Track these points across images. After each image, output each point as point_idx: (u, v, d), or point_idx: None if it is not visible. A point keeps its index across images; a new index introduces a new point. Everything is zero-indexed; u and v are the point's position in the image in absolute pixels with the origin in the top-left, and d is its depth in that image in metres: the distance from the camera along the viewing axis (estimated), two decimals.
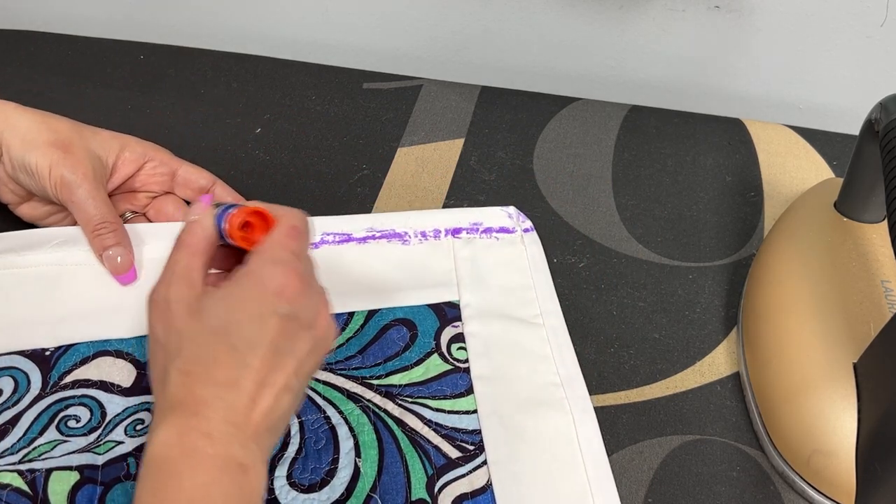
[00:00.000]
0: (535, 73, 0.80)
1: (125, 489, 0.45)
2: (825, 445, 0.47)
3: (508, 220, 0.60)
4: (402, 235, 0.59)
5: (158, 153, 0.59)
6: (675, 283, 0.60)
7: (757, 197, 0.66)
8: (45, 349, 0.51)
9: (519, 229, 0.60)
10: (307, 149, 0.69)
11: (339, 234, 0.59)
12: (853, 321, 0.50)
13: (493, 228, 0.60)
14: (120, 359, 0.51)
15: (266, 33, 0.83)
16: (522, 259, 0.58)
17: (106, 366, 0.51)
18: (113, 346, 0.52)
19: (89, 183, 0.53)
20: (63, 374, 0.50)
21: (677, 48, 0.75)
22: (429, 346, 0.53)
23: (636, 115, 0.72)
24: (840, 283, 0.52)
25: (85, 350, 0.51)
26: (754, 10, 0.71)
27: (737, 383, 0.54)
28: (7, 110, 0.54)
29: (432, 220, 0.60)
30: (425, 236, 0.59)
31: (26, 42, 0.79)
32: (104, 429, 0.48)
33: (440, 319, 0.54)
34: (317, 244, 0.58)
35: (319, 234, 0.58)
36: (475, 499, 0.46)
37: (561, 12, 0.75)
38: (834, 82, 0.75)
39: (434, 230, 0.59)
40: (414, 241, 0.59)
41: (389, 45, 0.81)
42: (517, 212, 0.61)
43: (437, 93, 0.74)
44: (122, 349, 0.52)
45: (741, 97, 0.78)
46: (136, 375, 0.50)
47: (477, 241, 0.59)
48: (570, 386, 0.51)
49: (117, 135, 0.58)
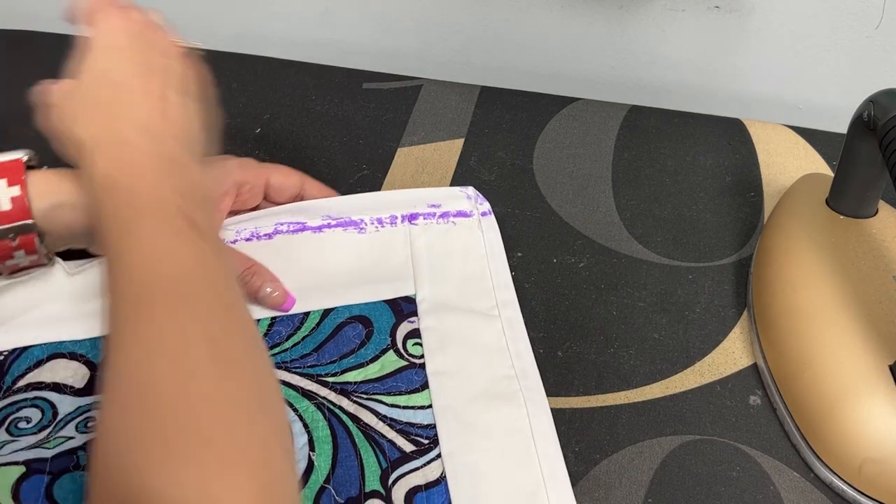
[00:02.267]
0: (535, 73, 0.80)
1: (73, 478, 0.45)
2: (876, 453, 0.46)
3: (466, 201, 0.60)
4: (359, 224, 0.58)
5: (249, 171, 0.56)
6: (675, 284, 0.60)
7: (757, 197, 0.66)
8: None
9: (476, 213, 0.59)
10: (307, 149, 0.69)
11: (293, 224, 0.58)
12: (879, 322, 0.49)
13: (451, 213, 0.59)
14: (74, 360, 0.51)
15: (266, 33, 0.83)
16: (479, 247, 0.58)
17: (59, 368, 0.51)
18: (66, 349, 0.51)
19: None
20: (17, 378, 0.50)
21: (677, 48, 0.75)
22: (384, 343, 0.53)
23: (636, 115, 0.72)
24: (855, 283, 0.52)
25: (39, 353, 0.51)
26: (754, 10, 0.71)
27: (737, 383, 0.54)
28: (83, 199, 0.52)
29: (389, 202, 0.59)
30: (381, 223, 0.58)
31: (26, 42, 0.79)
32: (55, 427, 0.48)
33: (396, 315, 0.54)
34: (271, 234, 0.57)
35: (273, 223, 0.57)
36: (429, 490, 0.46)
37: (561, 12, 0.75)
38: (834, 82, 0.75)
39: (391, 217, 0.58)
40: (370, 228, 0.58)
41: (389, 45, 0.81)
42: (476, 193, 0.60)
43: (436, 93, 0.74)
44: (75, 351, 0.51)
45: (741, 97, 0.78)
46: (89, 376, 0.50)
47: (434, 226, 0.58)
48: (524, 378, 0.51)
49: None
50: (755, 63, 0.75)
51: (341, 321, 0.54)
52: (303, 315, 0.54)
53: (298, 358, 0.52)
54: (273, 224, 0.57)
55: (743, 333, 0.57)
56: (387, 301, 0.55)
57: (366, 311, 0.54)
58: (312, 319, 0.54)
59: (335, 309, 0.54)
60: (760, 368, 0.54)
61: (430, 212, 0.59)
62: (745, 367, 0.55)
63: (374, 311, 0.54)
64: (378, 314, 0.54)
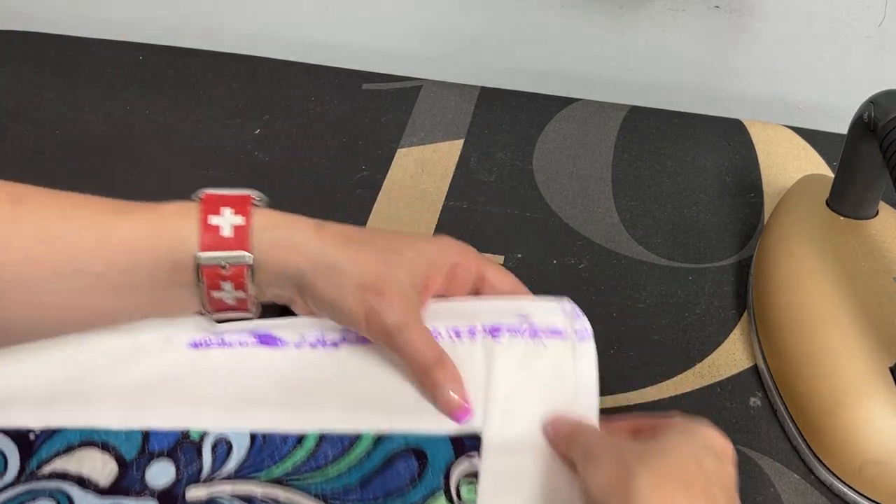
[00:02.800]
0: (534, 74, 0.80)
1: None
2: (876, 454, 0.46)
3: (562, 316, 0.49)
4: (434, 333, 0.49)
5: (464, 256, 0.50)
6: (675, 285, 0.59)
7: (757, 198, 0.66)
8: (30, 430, 0.47)
9: (571, 332, 0.49)
10: (306, 150, 0.69)
11: None
12: (879, 323, 0.49)
13: (541, 329, 0.49)
14: (106, 452, 0.47)
15: (265, 33, 0.83)
16: (569, 379, 0.48)
17: (87, 458, 0.47)
18: (100, 437, 0.48)
19: (411, 325, 0.46)
20: (43, 462, 0.47)
21: (677, 48, 0.75)
22: (436, 483, 0.46)
23: (636, 115, 0.72)
24: (856, 284, 0.52)
25: (72, 437, 0.48)
26: (754, 9, 0.71)
27: (737, 384, 0.54)
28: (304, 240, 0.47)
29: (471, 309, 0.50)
30: (458, 335, 0.49)
31: (26, 42, 0.79)
32: None
33: (456, 450, 0.46)
34: (337, 342, 0.50)
35: (340, 330, 0.51)
36: None
37: (561, 12, 0.75)
38: (834, 82, 0.75)
39: (469, 328, 0.49)
40: (445, 340, 0.49)
41: (389, 45, 0.81)
42: (573, 307, 0.50)
43: (436, 93, 0.74)
44: (108, 441, 0.48)
45: (741, 97, 0.78)
46: (117, 474, 0.47)
47: (519, 344, 0.48)
48: None
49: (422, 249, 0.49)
50: (755, 63, 0.75)
51: (395, 451, 0.47)
52: (354, 437, 0.47)
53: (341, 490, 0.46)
54: (341, 331, 0.51)
55: (743, 335, 0.57)
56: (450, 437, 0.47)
57: (423, 443, 0.47)
58: (364, 444, 0.47)
59: (390, 436, 0.47)
60: (761, 370, 0.54)
61: (517, 325, 0.49)
62: (746, 368, 0.55)
63: (433, 445, 0.47)
64: (436, 449, 0.47)
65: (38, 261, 0.42)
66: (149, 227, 0.44)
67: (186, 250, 0.44)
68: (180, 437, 0.48)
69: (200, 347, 0.50)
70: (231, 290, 0.46)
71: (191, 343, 0.50)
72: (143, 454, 0.47)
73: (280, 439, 0.48)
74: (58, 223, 0.43)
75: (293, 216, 0.47)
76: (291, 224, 0.47)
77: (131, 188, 0.66)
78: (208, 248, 0.44)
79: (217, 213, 0.45)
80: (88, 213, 0.44)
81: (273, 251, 0.46)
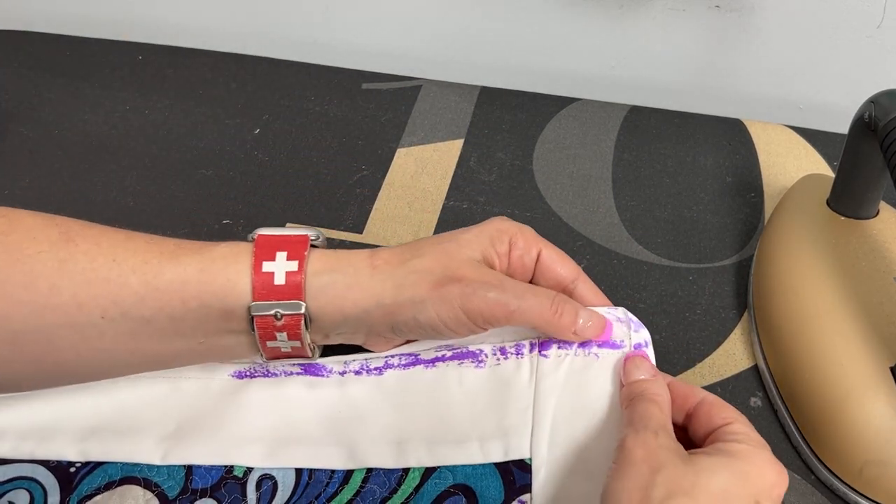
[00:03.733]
0: (534, 73, 0.80)
1: None
2: (877, 455, 0.46)
3: (618, 326, 0.47)
4: (477, 355, 0.47)
5: (521, 234, 0.47)
6: (676, 285, 0.59)
7: (757, 198, 0.66)
8: (71, 463, 0.47)
9: (629, 344, 0.46)
10: (306, 150, 0.69)
11: (405, 356, 0.49)
12: (880, 323, 0.49)
13: (594, 341, 0.46)
14: (148, 490, 0.46)
15: (265, 33, 0.83)
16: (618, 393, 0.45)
17: (130, 496, 0.46)
18: (142, 473, 0.46)
19: (506, 287, 0.44)
20: (83, 498, 0.45)
21: (677, 48, 0.75)
22: None
23: (636, 115, 0.72)
24: (856, 284, 0.52)
25: (113, 472, 0.46)
26: (754, 9, 0.71)
27: (737, 385, 0.54)
28: (361, 279, 0.44)
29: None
30: (504, 354, 0.47)
31: (25, 42, 0.79)
32: None
33: (506, 487, 0.44)
34: (381, 368, 0.49)
35: (384, 356, 0.49)
36: None
37: (561, 12, 0.75)
38: (834, 82, 0.75)
39: (516, 345, 0.47)
40: (490, 360, 0.47)
41: (389, 45, 0.81)
42: (628, 317, 0.47)
43: (436, 93, 0.74)
44: (150, 478, 0.46)
45: (741, 97, 0.78)
46: None
47: (570, 358, 0.46)
48: None
49: (478, 231, 0.47)
50: (756, 63, 0.75)
51: (443, 490, 0.45)
52: (401, 472, 0.46)
53: None
54: (384, 357, 0.49)
55: (744, 335, 0.56)
56: (497, 465, 0.45)
57: (472, 479, 0.45)
58: (411, 481, 0.46)
59: (438, 470, 0.46)
60: (761, 370, 0.54)
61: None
62: (746, 368, 0.55)
63: (481, 480, 0.45)
64: (485, 484, 0.45)
65: (86, 304, 0.41)
66: (199, 274, 0.42)
67: (238, 299, 0.42)
68: (224, 474, 0.47)
69: (244, 378, 0.49)
70: (286, 339, 0.44)
71: (234, 374, 0.49)
72: (185, 492, 0.46)
73: (326, 476, 0.47)
74: (106, 265, 0.42)
75: (347, 254, 0.44)
76: (346, 264, 0.44)
77: (131, 188, 0.66)
78: (261, 297, 0.42)
79: (271, 259, 0.43)
80: (138, 256, 0.42)
81: (329, 297, 0.43)
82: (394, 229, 0.63)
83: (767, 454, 0.40)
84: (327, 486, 0.46)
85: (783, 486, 0.40)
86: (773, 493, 0.39)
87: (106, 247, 0.42)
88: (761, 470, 0.39)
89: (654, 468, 0.38)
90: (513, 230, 0.47)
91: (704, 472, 0.38)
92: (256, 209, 0.64)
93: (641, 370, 0.44)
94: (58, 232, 0.42)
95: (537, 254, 0.47)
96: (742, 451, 0.39)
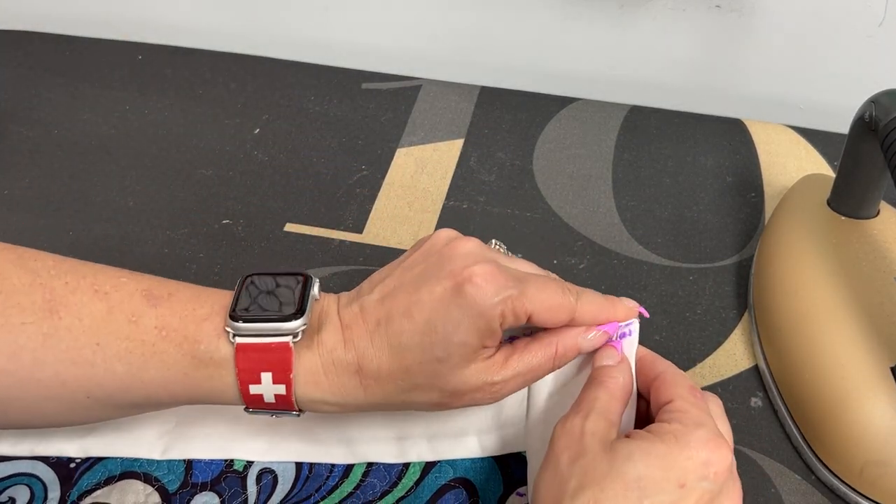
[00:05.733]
0: (534, 73, 0.80)
1: None
2: (878, 455, 0.46)
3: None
4: None
5: (512, 313, 0.41)
6: (676, 285, 0.59)
7: (757, 197, 0.65)
8: (71, 459, 0.47)
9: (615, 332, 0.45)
10: (306, 149, 0.69)
11: None
12: (880, 323, 0.49)
13: None
14: (148, 484, 0.46)
15: (265, 33, 0.83)
16: None
17: (131, 491, 0.46)
18: (142, 468, 0.47)
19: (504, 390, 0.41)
20: (84, 493, 0.46)
21: (677, 48, 0.75)
22: None
23: (636, 115, 0.72)
24: (857, 284, 0.51)
25: (113, 467, 0.47)
26: (755, 9, 0.71)
27: (738, 385, 0.54)
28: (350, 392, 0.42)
29: None
30: None
31: (25, 42, 0.79)
32: None
33: (505, 482, 0.46)
34: None
35: None
36: None
37: (561, 12, 0.75)
38: (835, 82, 0.75)
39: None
40: None
41: (389, 45, 0.81)
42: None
43: (436, 93, 0.74)
44: (150, 472, 0.47)
45: (741, 97, 0.77)
46: None
47: None
48: None
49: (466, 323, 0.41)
50: (756, 62, 0.75)
51: (443, 484, 0.46)
52: (402, 467, 0.47)
53: None
54: None
55: (744, 335, 0.56)
56: (495, 458, 0.46)
57: (471, 473, 0.46)
58: (412, 475, 0.46)
59: (438, 465, 0.47)
60: (761, 370, 0.54)
61: None
62: (746, 368, 0.55)
63: (481, 474, 0.46)
64: (484, 478, 0.46)
65: (69, 384, 0.40)
66: (183, 378, 0.41)
67: (229, 401, 0.42)
68: (224, 468, 0.47)
69: None
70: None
71: None
72: (186, 486, 0.46)
73: (326, 470, 0.47)
74: (89, 348, 0.40)
75: (333, 368, 0.41)
76: (335, 384, 0.41)
77: (131, 188, 0.66)
78: (253, 408, 0.42)
79: (257, 382, 0.41)
80: (121, 343, 0.40)
81: (322, 410, 0.42)
82: (393, 229, 0.63)
83: (701, 432, 0.37)
84: (327, 479, 0.47)
85: (723, 462, 0.37)
86: (707, 471, 0.36)
87: (87, 324, 0.40)
88: (689, 451, 0.36)
89: (573, 457, 0.37)
90: (499, 308, 0.40)
91: (620, 459, 0.36)
92: (256, 209, 0.64)
93: (607, 357, 0.42)
94: (41, 298, 0.40)
95: (527, 318, 0.41)
96: (672, 431, 0.37)
